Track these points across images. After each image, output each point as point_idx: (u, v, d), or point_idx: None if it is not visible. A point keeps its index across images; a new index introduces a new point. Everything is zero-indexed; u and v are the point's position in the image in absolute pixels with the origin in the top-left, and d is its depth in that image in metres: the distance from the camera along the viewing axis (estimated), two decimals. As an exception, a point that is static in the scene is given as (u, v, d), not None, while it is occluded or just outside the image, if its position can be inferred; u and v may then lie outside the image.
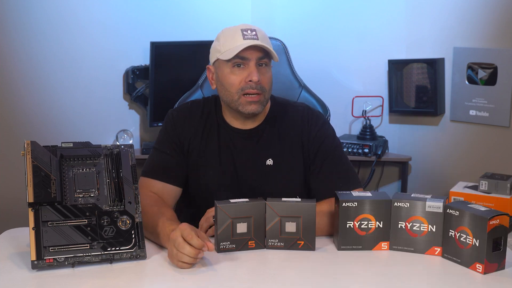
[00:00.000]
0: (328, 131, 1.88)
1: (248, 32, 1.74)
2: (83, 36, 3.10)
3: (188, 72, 3.09)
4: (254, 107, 1.76)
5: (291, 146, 1.85)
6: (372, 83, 3.35)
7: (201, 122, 1.86)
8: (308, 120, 1.86)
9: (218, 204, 1.56)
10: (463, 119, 3.10)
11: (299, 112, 1.88)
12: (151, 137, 3.37)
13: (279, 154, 1.84)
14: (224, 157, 1.84)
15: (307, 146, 1.85)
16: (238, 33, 1.74)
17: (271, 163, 1.84)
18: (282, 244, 1.60)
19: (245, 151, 1.84)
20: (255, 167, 1.84)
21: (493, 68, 2.93)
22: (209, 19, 3.30)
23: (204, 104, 1.90)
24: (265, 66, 1.78)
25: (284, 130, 1.86)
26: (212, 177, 1.83)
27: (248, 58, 1.74)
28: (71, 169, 1.55)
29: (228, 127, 1.85)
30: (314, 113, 1.90)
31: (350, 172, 1.84)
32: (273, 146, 1.85)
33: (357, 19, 3.34)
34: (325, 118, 1.93)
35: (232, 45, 1.73)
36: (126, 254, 1.51)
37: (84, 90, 3.14)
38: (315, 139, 1.84)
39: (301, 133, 1.85)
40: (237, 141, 1.84)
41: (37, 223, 1.46)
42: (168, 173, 1.81)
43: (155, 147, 1.87)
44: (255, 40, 1.73)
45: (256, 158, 1.84)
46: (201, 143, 1.84)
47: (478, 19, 2.98)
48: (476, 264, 1.48)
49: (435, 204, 1.56)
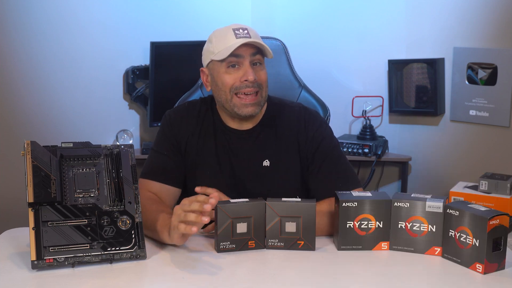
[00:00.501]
0: (326, 131, 1.87)
1: (240, 31, 1.74)
2: (83, 36, 3.10)
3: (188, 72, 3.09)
4: (251, 109, 1.77)
5: (287, 147, 1.85)
6: (372, 83, 3.35)
7: (198, 122, 1.86)
8: (305, 121, 1.86)
9: (218, 204, 1.56)
10: (463, 119, 3.10)
11: (295, 112, 1.88)
12: (151, 137, 3.37)
13: (276, 155, 1.84)
14: (221, 158, 1.84)
15: (304, 147, 1.84)
16: (230, 33, 1.74)
17: (267, 164, 1.84)
18: (282, 244, 1.60)
19: (242, 152, 1.84)
20: (251, 168, 1.84)
21: (493, 68, 2.93)
22: (209, 19, 3.30)
23: (201, 104, 1.90)
24: (259, 64, 1.78)
25: (281, 131, 1.86)
26: (210, 177, 1.83)
27: (242, 56, 1.74)
28: (71, 169, 1.55)
29: (225, 127, 1.85)
30: (311, 114, 1.89)
31: (349, 172, 1.84)
32: (270, 147, 1.85)
33: (357, 19, 3.34)
34: (322, 118, 1.92)
35: (225, 45, 1.74)
36: (126, 254, 1.51)
37: (84, 90, 3.14)
38: (313, 140, 1.84)
39: (297, 134, 1.85)
40: (234, 141, 1.84)
41: (37, 223, 1.46)
42: (166, 174, 1.81)
43: (153, 148, 1.87)
44: (248, 38, 1.73)
45: (252, 159, 1.84)
46: (198, 143, 1.84)
47: (478, 19, 2.98)
48: (476, 264, 1.48)
49: (435, 204, 1.56)
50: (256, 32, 1.79)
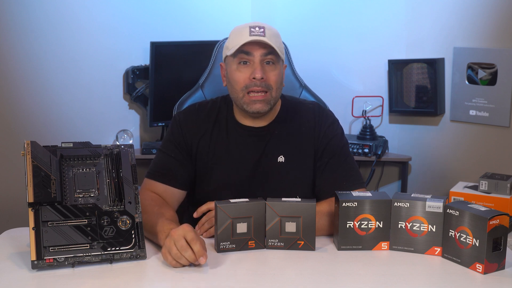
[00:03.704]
0: (337, 130, 1.88)
1: (256, 29, 1.74)
2: (83, 36, 3.10)
3: (188, 72, 3.09)
4: (258, 106, 1.76)
5: (302, 143, 1.85)
6: (372, 83, 3.35)
7: (209, 122, 1.85)
8: (319, 119, 1.87)
9: (218, 204, 1.56)
10: (463, 119, 3.10)
11: (309, 109, 1.89)
12: (151, 137, 3.37)
13: (291, 152, 1.85)
14: (235, 155, 1.84)
15: (317, 144, 1.85)
16: (246, 30, 1.74)
17: (282, 160, 1.84)
18: (282, 244, 1.60)
19: (256, 149, 1.84)
20: (266, 164, 1.84)
21: (493, 68, 2.93)
22: (209, 19, 3.30)
23: (212, 104, 1.89)
24: (272, 64, 1.77)
25: (296, 128, 1.86)
26: (222, 176, 1.83)
27: (252, 54, 1.74)
28: (71, 169, 1.55)
29: (238, 125, 1.85)
30: (325, 111, 1.91)
31: (354, 172, 1.85)
32: (284, 143, 1.85)
33: (357, 19, 3.34)
34: (335, 117, 1.92)
35: (238, 41, 1.74)
36: (126, 254, 1.51)
37: (84, 90, 3.14)
38: (324, 137, 1.85)
39: (312, 130, 1.85)
40: (248, 139, 1.84)
41: (37, 223, 1.46)
42: (171, 176, 1.81)
43: (160, 149, 1.87)
44: (260, 37, 1.72)
45: (267, 155, 1.84)
46: (210, 143, 1.84)
47: (478, 19, 2.98)
48: (476, 264, 1.48)
49: (435, 204, 1.56)
50: (275, 32, 1.79)
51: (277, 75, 1.77)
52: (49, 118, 3.07)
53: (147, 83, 3.21)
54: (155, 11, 3.27)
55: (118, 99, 3.27)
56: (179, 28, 3.31)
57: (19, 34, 2.93)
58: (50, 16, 3.00)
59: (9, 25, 2.91)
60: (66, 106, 3.11)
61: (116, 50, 3.20)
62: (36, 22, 2.96)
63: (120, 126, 3.24)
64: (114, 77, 3.23)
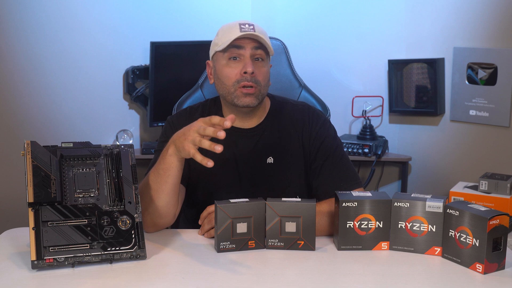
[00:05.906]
0: (329, 130, 1.88)
1: (246, 26, 1.77)
2: (83, 36, 3.10)
3: (188, 72, 3.09)
4: (249, 99, 1.77)
5: (291, 144, 1.85)
6: (372, 83, 3.35)
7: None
8: (309, 119, 1.87)
9: (218, 204, 1.56)
10: (463, 119, 3.10)
11: (299, 110, 1.89)
12: (151, 137, 3.37)
13: (280, 153, 1.85)
14: (225, 156, 1.83)
15: (308, 144, 1.85)
16: (236, 27, 1.77)
17: (271, 161, 1.85)
18: (282, 244, 1.60)
19: (246, 150, 1.85)
20: (255, 165, 1.84)
21: (493, 68, 2.94)
22: (209, 19, 3.30)
23: (202, 107, 1.91)
24: (261, 61, 1.80)
25: (284, 128, 1.86)
26: (213, 176, 1.83)
27: (243, 47, 1.76)
28: (71, 169, 1.55)
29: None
30: (315, 112, 1.91)
31: (350, 172, 1.85)
32: (274, 144, 1.85)
33: (357, 19, 3.34)
34: (325, 117, 1.93)
35: (229, 37, 1.76)
36: (126, 254, 1.51)
37: (84, 90, 3.14)
38: (316, 138, 1.85)
39: (301, 132, 1.86)
40: (238, 139, 1.85)
41: (37, 223, 1.46)
42: None
43: (155, 149, 1.88)
44: (251, 31, 1.75)
45: (256, 156, 1.85)
46: None
47: (478, 19, 2.98)
48: (476, 264, 1.48)
49: (435, 204, 1.56)
50: (263, 30, 1.81)
51: (266, 72, 1.80)
52: (49, 118, 3.07)
53: (147, 83, 3.21)
54: (155, 11, 3.28)
55: (118, 99, 3.27)
56: (179, 28, 3.31)
57: (19, 34, 2.93)
58: (50, 16, 3.00)
59: (9, 25, 2.91)
60: (66, 106, 3.11)
61: (116, 50, 3.20)
62: (36, 22, 2.96)
63: (120, 126, 3.24)
64: (114, 77, 3.23)
